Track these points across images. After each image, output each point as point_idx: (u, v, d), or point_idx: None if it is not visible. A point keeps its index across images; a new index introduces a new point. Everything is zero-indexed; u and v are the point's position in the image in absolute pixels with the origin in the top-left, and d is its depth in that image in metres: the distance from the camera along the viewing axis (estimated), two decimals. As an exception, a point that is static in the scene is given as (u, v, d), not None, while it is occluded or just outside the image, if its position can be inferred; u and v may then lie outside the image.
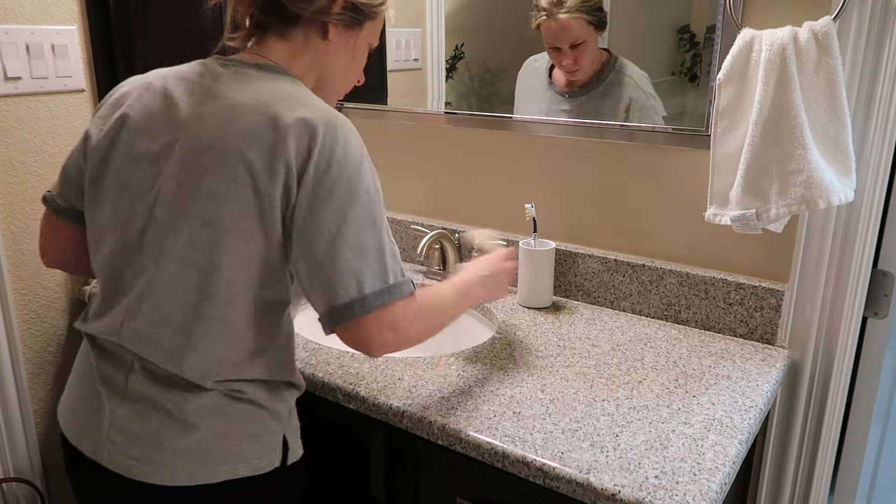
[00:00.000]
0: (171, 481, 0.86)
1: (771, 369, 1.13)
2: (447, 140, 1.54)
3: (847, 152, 1.04)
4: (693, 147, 1.24)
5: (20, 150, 1.35)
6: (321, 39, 0.92)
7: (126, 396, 0.88)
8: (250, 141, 0.81)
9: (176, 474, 0.86)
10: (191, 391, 0.86)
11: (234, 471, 0.87)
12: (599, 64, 1.32)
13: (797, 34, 1.02)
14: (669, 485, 0.84)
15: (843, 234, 1.12)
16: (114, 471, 0.87)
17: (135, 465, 0.86)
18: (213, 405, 0.87)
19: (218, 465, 0.87)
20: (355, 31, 0.95)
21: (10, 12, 1.30)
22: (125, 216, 0.88)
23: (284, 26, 0.90)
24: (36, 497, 1.46)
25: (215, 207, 0.82)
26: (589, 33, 1.29)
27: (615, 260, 1.35)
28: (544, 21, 1.31)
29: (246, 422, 0.89)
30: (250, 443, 0.89)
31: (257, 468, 0.89)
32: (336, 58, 0.95)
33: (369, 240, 0.83)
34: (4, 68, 1.30)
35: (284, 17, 0.89)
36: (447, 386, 1.07)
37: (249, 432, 0.89)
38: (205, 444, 0.86)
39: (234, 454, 0.88)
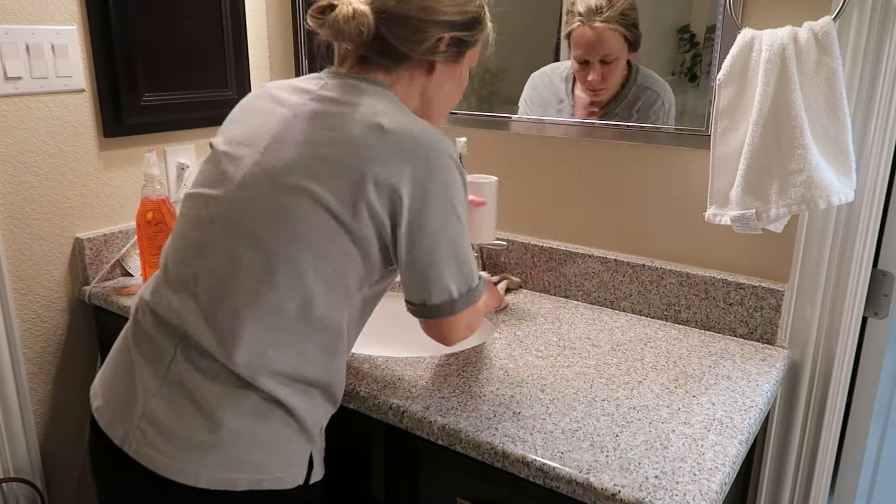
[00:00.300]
0: (194, 482, 0.84)
1: (771, 369, 1.13)
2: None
3: (847, 152, 1.04)
4: (693, 147, 1.23)
5: (20, 150, 1.35)
6: (426, 75, 0.95)
7: (163, 387, 0.87)
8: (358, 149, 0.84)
9: (200, 475, 0.84)
10: (231, 389, 0.85)
11: (258, 481, 0.86)
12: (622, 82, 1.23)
13: (797, 34, 1.02)
14: (669, 485, 0.84)
15: (843, 234, 1.12)
16: (140, 462, 0.86)
17: (161, 460, 0.85)
18: (249, 408, 0.86)
19: (243, 472, 0.85)
20: (459, 62, 0.97)
21: (10, 12, 1.30)
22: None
23: (391, 63, 0.92)
24: (36, 497, 1.46)
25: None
26: (622, 50, 1.19)
27: (615, 260, 1.35)
28: (578, 28, 1.21)
29: (278, 432, 0.88)
30: (278, 455, 0.88)
31: (282, 482, 0.88)
32: (440, 90, 0.97)
33: (461, 250, 0.91)
34: (4, 68, 1.30)
35: (393, 56, 0.92)
36: (447, 386, 1.07)
37: (279, 444, 0.88)
38: (233, 450, 0.85)
39: (261, 464, 0.86)
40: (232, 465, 0.85)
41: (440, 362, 1.15)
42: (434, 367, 1.13)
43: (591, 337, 1.25)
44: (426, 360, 1.15)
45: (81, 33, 1.41)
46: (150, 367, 0.89)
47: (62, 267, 1.46)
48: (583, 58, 1.22)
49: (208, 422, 0.85)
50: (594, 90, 1.23)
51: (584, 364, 1.14)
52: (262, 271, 0.85)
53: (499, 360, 1.16)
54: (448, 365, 1.14)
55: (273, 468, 0.87)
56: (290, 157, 0.86)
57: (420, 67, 0.94)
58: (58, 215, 1.43)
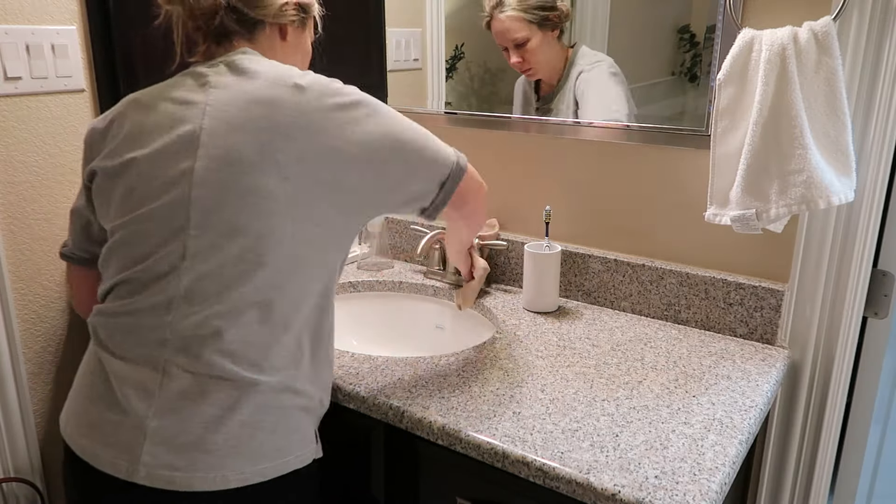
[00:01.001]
0: (224, 485, 0.83)
1: (771, 369, 1.13)
2: (447, 140, 1.54)
3: (847, 152, 1.04)
4: (693, 147, 1.23)
5: (20, 150, 1.35)
6: (281, 41, 1.00)
7: (161, 404, 0.84)
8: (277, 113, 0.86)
9: (228, 478, 0.84)
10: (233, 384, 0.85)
11: (283, 465, 0.88)
12: (561, 67, 1.33)
13: (797, 34, 1.02)
14: (669, 485, 0.84)
15: (843, 234, 1.12)
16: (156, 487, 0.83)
17: (180, 477, 0.83)
18: (258, 399, 0.86)
19: (268, 460, 0.86)
20: (303, 30, 1.03)
21: (10, 12, 1.30)
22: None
23: (249, 32, 0.96)
24: (36, 497, 1.46)
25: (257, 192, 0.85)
26: (532, 31, 1.31)
27: (615, 260, 1.35)
28: (488, 21, 1.35)
29: (290, 414, 0.89)
30: (295, 435, 0.90)
31: (303, 460, 0.91)
32: (294, 57, 1.02)
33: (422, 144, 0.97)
34: (4, 68, 1.30)
35: (249, 24, 0.95)
36: (447, 386, 1.07)
37: (293, 424, 0.90)
38: (253, 442, 0.85)
39: (282, 447, 0.88)
40: (255, 457, 0.85)
41: (440, 362, 1.15)
42: (434, 367, 1.13)
43: (590, 337, 1.24)
44: (426, 360, 1.15)
45: (81, 33, 1.41)
46: (138, 389, 0.86)
47: (62, 267, 1.46)
48: (501, 45, 1.35)
49: (221, 424, 0.84)
50: (524, 71, 1.36)
51: (584, 364, 1.14)
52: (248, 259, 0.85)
53: (499, 360, 1.16)
54: (448, 365, 1.14)
55: (293, 449, 0.89)
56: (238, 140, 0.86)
57: (275, 33, 0.98)
58: (58, 215, 1.43)
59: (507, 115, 1.44)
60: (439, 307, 1.48)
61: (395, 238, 1.64)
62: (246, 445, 0.85)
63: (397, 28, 1.56)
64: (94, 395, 0.89)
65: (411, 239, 1.61)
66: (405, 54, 1.57)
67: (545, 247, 1.35)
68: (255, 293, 0.86)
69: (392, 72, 1.59)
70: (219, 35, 0.95)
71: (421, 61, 1.55)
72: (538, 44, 1.31)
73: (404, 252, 1.63)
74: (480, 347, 1.20)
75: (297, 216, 0.86)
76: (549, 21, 1.29)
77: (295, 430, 0.90)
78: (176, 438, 0.83)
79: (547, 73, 1.35)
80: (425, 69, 1.55)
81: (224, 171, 0.85)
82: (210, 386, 0.84)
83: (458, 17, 1.49)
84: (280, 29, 0.99)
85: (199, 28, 0.95)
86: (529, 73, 1.35)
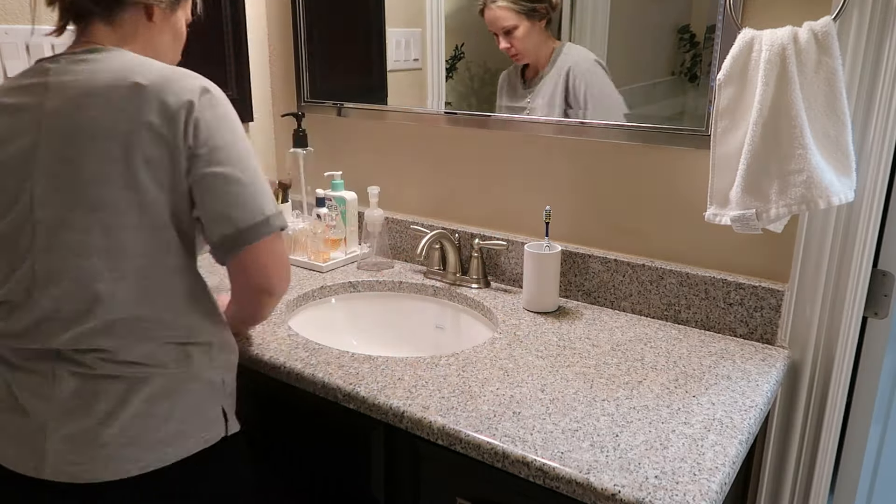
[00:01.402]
0: (126, 474, 0.87)
1: (771, 369, 1.13)
2: (447, 140, 1.54)
3: (847, 152, 1.04)
4: (693, 147, 1.23)
5: (20, 150, 1.35)
6: (147, 21, 0.96)
7: (57, 406, 0.88)
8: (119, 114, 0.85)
9: (127, 466, 0.87)
10: (123, 377, 0.88)
11: (184, 448, 0.91)
12: (549, 52, 1.40)
13: (797, 34, 1.02)
14: (669, 485, 0.84)
15: (843, 234, 1.12)
16: (62, 481, 0.87)
17: (80, 470, 0.87)
18: (152, 388, 0.89)
19: (169, 445, 0.89)
20: (175, 11, 1.00)
21: (10, 12, 1.30)
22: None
23: (108, 11, 0.92)
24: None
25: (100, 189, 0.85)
26: (520, 20, 1.39)
27: (615, 260, 1.35)
28: (481, 9, 1.43)
29: (183, 399, 0.91)
30: (194, 419, 0.92)
31: (207, 441, 0.93)
32: (162, 39, 0.99)
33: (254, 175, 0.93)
34: (4, 68, 1.30)
35: (108, 2, 0.92)
36: (447, 386, 1.07)
37: (190, 407, 0.92)
38: (148, 430, 0.88)
39: (181, 431, 0.91)
40: (153, 445, 0.89)
41: (440, 362, 1.15)
42: (434, 367, 1.13)
43: (590, 337, 1.24)
44: (426, 360, 1.15)
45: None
46: (35, 394, 0.89)
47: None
48: (492, 32, 1.43)
49: (113, 418, 0.87)
50: (512, 56, 1.43)
51: (584, 364, 1.14)
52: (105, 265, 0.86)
53: (499, 360, 1.16)
54: (448, 365, 1.14)
55: (193, 431, 0.92)
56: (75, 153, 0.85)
57: (139, 12, 0.94)
58: (58, 215, 1.43)
59: (507, 115, 1.44)
60: (439, 307, 1.48)
61: (395, 238, 1.64)
62: (142, 435, 0.88)
63: (397, 28, 1.56)
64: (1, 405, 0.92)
65: (411, 239, 1.61)
66: (405, 54, 1.57)
67: (545, 247, 1.35)
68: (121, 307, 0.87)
69: (392, 72, 1.59)
70: (76, 14, 0.93)
71: (421, 61, 1.55)
72: (525, 32, 1.40)
73: (404, 252, 1.63)
74: (480, 347, 1.20)
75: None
76: (537, 12, 1.38)
77: (193, 414, 0.92)
78: (74, 436, 0.87)
79: (533, 58, 1.42)
80: (425, 69, 1.55)
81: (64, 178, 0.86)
82: (99, 384, 0.88)
83: (458, 17, 1.49)
84: (146, 9, 0.95)
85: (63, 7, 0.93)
86: (517, 57, 1.43)
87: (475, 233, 1.51)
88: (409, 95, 1.59)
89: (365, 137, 1.67)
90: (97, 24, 0.93)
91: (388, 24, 1.57)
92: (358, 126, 1.68)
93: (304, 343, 1.21)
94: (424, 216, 1.61)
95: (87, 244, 0.86)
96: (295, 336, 1.24)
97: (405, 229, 1.62)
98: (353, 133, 1.69)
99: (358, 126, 1.68)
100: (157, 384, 0.90)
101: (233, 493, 1.00)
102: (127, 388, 0.88)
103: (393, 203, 1.65)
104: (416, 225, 1.57)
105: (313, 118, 1.73)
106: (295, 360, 1.15)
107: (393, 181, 1.63)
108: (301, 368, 1.13)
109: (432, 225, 1.57)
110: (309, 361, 1.15)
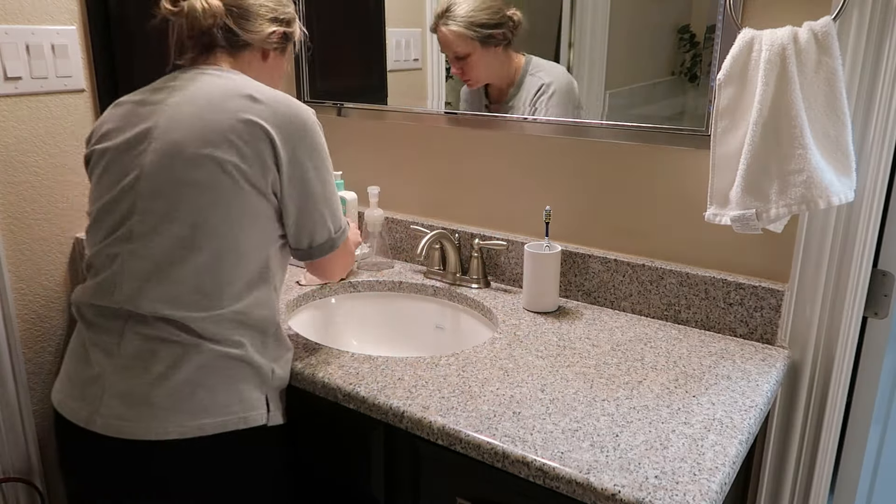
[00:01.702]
0: (165, 436, 0.94)
1: (771, 369, 1.13)
2: (447, 140, 1.54)
3: (847, 152, 1.04)
4: (693, 147, 1.24)
5: (20, 150, 1.35)
6: (262, 61, 1.11)
7: (119, 362, 0.97)
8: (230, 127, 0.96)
9: (168, 429, 0.94)
10: (181, 346, 0.96)
11: (223, 424, 0.97)
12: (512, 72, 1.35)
13: (797, 34, 1.02)
14: (669, 485, 0.84)
15: (843, 234, 1.12)
16: (108, 434, 0.95)
17: (128, 426, 0.94)
18: (202, 360, 0.96)
19: (208, 417, 0.96)
20: (283, 54, 1.16)
21: (10, 12, 1.30)
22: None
23: (234, 49, 1.08)
24: (36, 497, 1.46)
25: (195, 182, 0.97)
26: (473, 47, 1.33)
27: (615, 260, 1.35)
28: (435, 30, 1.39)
29: (232, 378, 0.98)
30: (236, 397, 0.98)
31: (246, 422, 0.99)
32: (270, 76, 1.13)
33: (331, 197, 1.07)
34: (4, 68, 1.30)
35: (236, 44, 1.07)
36: (447, 386, 1.07)
37: (235, 388, 0.98)
38: (194, 399, 0.95)
39: (223, 406, 0.97)
40: (195, 412, 0.95)
41: (440, 362, 1.15)
42: (434, 367, 1.13)
43: (590, 337, 1.25)
44: (426, 360, 1.15)
45: (81, 33, 1.41)
46: (103, 350, 0.98)
47: (62, 267, 1.47)
48: (444, 53, 1.40)
49: (165, 380, 0.95)
50: (464, 81, 1.40)
51: (584, 364, 1.14)
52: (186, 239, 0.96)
53: (499, 360, 1.16)
54: (448, 365, 1.14)
55: (234, 409, 0.98)
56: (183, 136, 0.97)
57: (257, 54, 1.10)
58: (58, 215, 1.43)
59: (506, 115, 1.44)
60: (439, 307, 1.48)
61: (395, 238, 1.64)
62: (187, 401, 0.95)
63: (397, 28, 1.56)
64: (73, 357, 1.03)
65: (411, 239, 1.61)
66: (405, 54, 1.57)
67: (545, 247, 1.35)
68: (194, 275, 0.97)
69: (392, 72, 1.59)
70: (206, 46, 1.07)
71: (421, 61, 1.55)
72: (479, 59, 1.34)
73: (404, 252, 1.63)
74: (480, 347, 1.20)
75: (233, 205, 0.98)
76: (493, 38, 1.31)
77: (237, 392, 0.99)
78: (128, 393, 0.95)
79: (492, 80, 1.38)
80: (425, 69, 1.55)
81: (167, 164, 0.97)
82: (157, 347, 0.96)
83: (458, 17, 1.48)
84: (263, 52, 1.11)
85: (192, 37, 1.06)
86: (469, 83, 1.40)
87: (475, 233, 1.51)
88: (409, 95, 1.59)
89: (365, 137, 1.67)
90: (221, 55, 1.07)
91: (388, 24, 1.57)
92: (358, 126, 1.68)
93: (304, 343, 1.22)
94: (424, 216, 1.61)
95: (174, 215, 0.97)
96: (295, 336, 1.25)
97: (405, 229, 1.62)
98: (352, 133, 1.69)
99: (358, 126, 1.68)
100: (210, 356, 0.97)
101: (264, 482, 1.05)
102: (182, 353, 0.96)
103: (393, 203, 1.65)
104: (416, 225, 1.57)
105: (313, 118, 1.73)
106: (295, 360, 1.15)
107: (393, 181, 1.63)
108: (301, 368, 1.13)
109: (432, 225, 1.57)
110: (309, 361, 1.15)
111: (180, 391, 0.95)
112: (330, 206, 1.07)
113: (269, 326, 1.04)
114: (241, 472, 1.02)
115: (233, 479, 1.01)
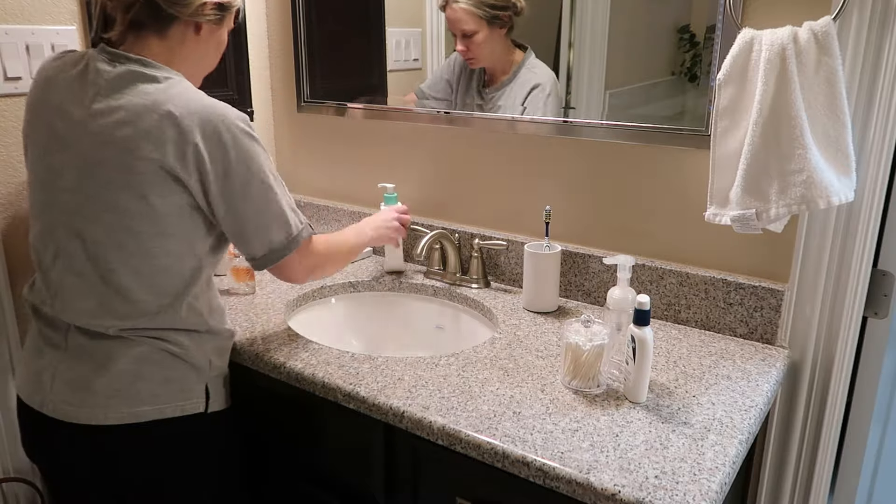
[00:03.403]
0: (104, 421, 1.01)
1: (771, 369, 1.13)
2: (447, 140, 1.54)
3: (847, 152, 1.04)
4: (693, 147, 1.23)
5: (20, 150, 1.35)
6: (195, 35, 1.05)
7: (66, 353, 1.04)
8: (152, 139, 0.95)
9: (108, 415, 1.01)
10: (120, 341, 1.02)
11: (160, 411, 1.03)
12: (510, 61, 1.40)
13: (797, 34, 1.02)
14: (669, 485, 0.84)
15: (843, 234, 1.12)
16: (56, 418, 1.02)
17: (73, 410, 1.01)
18: (140, 353, 1.02)
19: (144, 405, 1.02)
20: (220, 25, 1.09)
21: (10, 12, 1.30)
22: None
23: (161, 25, 1.02)
24: (35, 497, 1.46)
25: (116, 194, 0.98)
26: (480, 25, 1.38)
27: (615, 260, 1.35)
28: (443, 7, 1.43)
29: (170, 369, 1.04)
30: (172, 386, 1.04)
31: (184, 409, 1.05)
32: (207, 51, 1.09)
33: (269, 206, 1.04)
34: (4, 68, 1.30)
35: (162, 19, 1.02)
36: (447, 386, 1.07)
37: (169, 377, 1.04)
38: (132, 388, 1.01)
39: (159, 395, 1.03)
40: (133, 401, 1.02)
41: (440, 362, 1.15)
42: (434, 367, 1.13)
43: (591, 337, 1.24)
44: (426, 360, 1.15)
45: (81, 33, 1.41)
46: (51, 344, 1.06)
47: (62, 267, 1.46)
48: (451, 31, 1.44)
49: (106, 370, 1.01)
50: (467, 59, 1.45)
51: (584, 364, 1.14)
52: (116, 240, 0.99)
53: (499, 360, 1.16)
54: (448, 365, 1.14)
55: (171, 398, 1.04)
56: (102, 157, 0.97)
57: (189, 28, 1.04)
58: (58, 215, 1.43)
59: (506, 115, 1.44)
60: (439, 307, 1.48)
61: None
62: (125, 390, 1.02)
63: (397, 28, 1.56)
64: (30, 348, 1.11)
65: (411, 239, 1.61)
66: (405, 54, 1.57)
67: (545, 247, 1.35)
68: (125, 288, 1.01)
69: (392, 72, 1.59)
70: (133, 25, 1.02)
71: (421, 61, 1.55)
72: (484, 38, 1.40)
73: (404, 252, 1.63)
74: (480, 347, 1.20)
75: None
76: (500, 19, 1.38)
77: (176, 382, 1.05)
78: (74, 380, 1.02)
79: (490, 64, 1.43)
80: (425, 69, 1.55)
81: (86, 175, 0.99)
82: (99, 342, 1.02)
83: (458, 17, 1.48)
84: (196, 25, 1.05)
85: (115, 7, 1.01)
86: (471, 62, 1.44)
87: (475, 233, 1.51)
88: (409, 95, 1.59)
89: (365, 137, 1.67)
90: (149, 36, 1.02)
91: (388, 24, 1.57)
92: (358, 126, 1.68)
93: (304, 343, 1.22)
94: (424, 216, 1.61)
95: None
96: (295, 336, 1.25)
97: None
98: (353, 133, 1.69)
99: (358, 126, 1.68)
100: (149, 349, 1.03)
101: (209, 465, 1.11)
102: (123, 347, 1.02)
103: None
104: (416, 225, 1.57)
105: (313, 118, 1.73)
106: (295, 360, 1.15)
107: (393, 181, 1.63)
108: (301, 368, 1.13)
109: (432, 225, 1.57)
110: (309, 361, 1.15)
111: (121, 380, 1.01)
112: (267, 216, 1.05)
113: (203, 323, 1.08)
114: (184, 456, 1.08)
115: (177, 462, 1.07)
